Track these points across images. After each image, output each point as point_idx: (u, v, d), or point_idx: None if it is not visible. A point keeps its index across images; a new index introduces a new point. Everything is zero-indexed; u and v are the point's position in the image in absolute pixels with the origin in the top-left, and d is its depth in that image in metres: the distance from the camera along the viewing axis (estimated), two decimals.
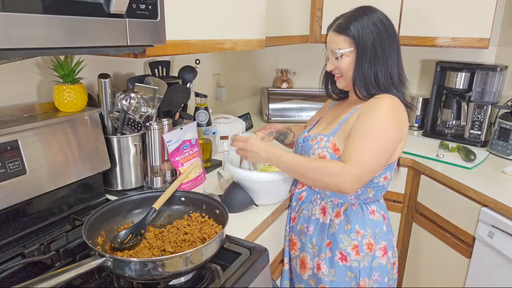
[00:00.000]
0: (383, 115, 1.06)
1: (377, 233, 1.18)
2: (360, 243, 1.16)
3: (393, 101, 1.10)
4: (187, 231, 0.92)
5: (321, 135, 1.18)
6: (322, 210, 1.22)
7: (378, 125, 1.05)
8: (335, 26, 1.14)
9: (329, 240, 1.19)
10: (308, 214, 1.24)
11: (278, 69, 2.65)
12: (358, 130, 1.07)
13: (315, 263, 1.22)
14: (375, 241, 1.17)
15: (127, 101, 1.17)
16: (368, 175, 1.05)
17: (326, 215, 1.21)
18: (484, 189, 1.39)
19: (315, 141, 1.18)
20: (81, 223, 1.00)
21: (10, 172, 0.92)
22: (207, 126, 1.52)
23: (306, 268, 1.25)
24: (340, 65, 1.14)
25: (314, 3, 2.02)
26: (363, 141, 1.04)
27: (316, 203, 1.23)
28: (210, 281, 0.82)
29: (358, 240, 1.16)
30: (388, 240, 1.21)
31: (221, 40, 1.23)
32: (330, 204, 1.21)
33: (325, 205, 1.21)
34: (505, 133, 1.75)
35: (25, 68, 1.10)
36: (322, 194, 1.23)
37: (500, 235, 1.32)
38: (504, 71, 1.88)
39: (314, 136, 1.20)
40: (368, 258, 1.17)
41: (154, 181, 1.25)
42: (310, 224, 1.23)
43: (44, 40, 0.67)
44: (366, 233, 1.17)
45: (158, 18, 0.86)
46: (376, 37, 1.09)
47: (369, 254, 1.17)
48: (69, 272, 0.70)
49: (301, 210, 1.27)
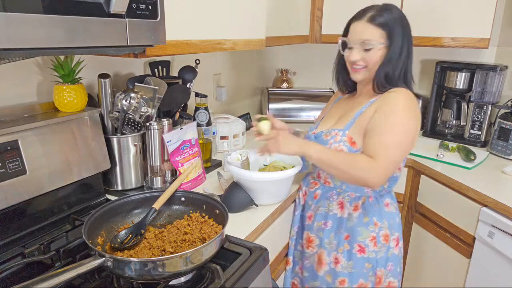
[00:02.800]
0: (403, 108, 1.10)
1: (392, 224, 1.23)
2: (377, 234, 1.20)
3: (409, 94, 1.14)
4: (187, 231, 0.92)
5: (335, 129, 1.20)
6: (340, 205, 1.24)
7: (399, 118, 1.09)
8: (369, 17, 1.12)
9: (347, 233, 1.22)
10: (325, 211, 1.26)
11: (278, 69, 2.65)
12: (380, 125, 1.10)
13: (333, 258, 1.24)
14: (390, 232, 1.22)
15: (127, 101, 1.17)
16: (394, 169, 1.10)
17: (344, 209, 1.23)
18: (484, 189, 1.39)
19: (329, 136, 1.20)
20: (81, 223, 1.00)
21: (10, 172, 0.92)
22: (207, 126, 1.52)
23: (323, 264, 1.26)
24: (368, 57, 1.13)
25: (314, 3, 2.01)
26: (387, 135, 1.08)
27: (333, 199, 1.25)
28: (210, 281, 0.82)
29: (375, 232, 1.20)
30: (400, 231, 1.26)
31: (221, 40, 1.23)
32: (348, 199, 1.23)
33: (343, 200, 1.24)
34: (505, 133, 1.75)
35: (25, 68, 1.10)
36: (338, 189, 1.25)
37: (500, 235, 1.32)
38: (504, 71, 1.88)
39: (328, 131, 1.22)
40: (384, 249, 1.21)
41: (154, 181, 1.25)
42: (328, 219, 1.25)
43: (44, 40, 0.67)
44: (383, 225, 1.21)
45: (158, 18, 0.86)
46: (404, 34, 1.13)
47: (385, 245, 1.21)
48: (69, 272, 0.70)
49: (318, 207, 1.28)
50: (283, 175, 1.20)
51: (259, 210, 1.19)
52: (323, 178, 1.28)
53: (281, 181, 1.22)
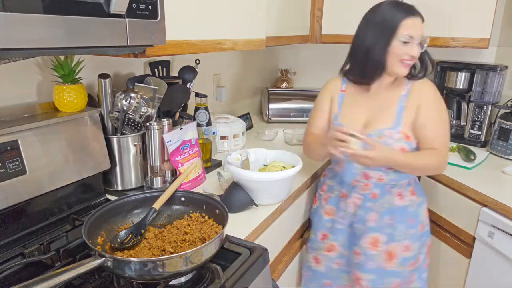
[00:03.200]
0: (440, 100, 1.27)
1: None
2: (425, 209, 1.38)
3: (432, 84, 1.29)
4: (187, 231, 0.92)
5: (386, 129, 1.24)
6: (399, 195, 1.30)
7: (443, 111, 1.27)
8: (420, 15, 1.21)
9: (412, 218, 1.31)
10: (388, 206, 1.30)
11: (278, 69, 2.65)
12: (433, 119, 1.24)
13: (403, 247, 1.30)
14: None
15: (127, 101, 1.17)
16: None
17: (404, 198, 1.31)
18: (484, 189, 1.39)
19: (384, 137, 1.23)
20: (81, 223, 1.00)
21: (10, 172, 0.92)
22: (207, 126, 1.52)
23: (394, 257, 1.31)
24: (419, 52, 1.22)
25: (314, 3, 2.01)
26: (443, 126, 1.25)
27: (392, 192, 1.31)
28: (210, 281, 0.82)
29: (425, 208, 1.37)
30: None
31: (221, 40, 1.23)
32: (403, 187, 1.31)
33: (400, 190, 1.31)
34: (505, 133, 1.75)
35: (25, 68, 1.10)
36: (393, 182, 1.30)
37: (500, 235, 1.32)
38: (504, 71, 1.88)
39: (379, 132, 1.24)
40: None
41: (154, 181, 1.25)
42: (394, 214, 1.29)
43: (44, 40, 0.67)
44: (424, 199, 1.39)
45: (158, 18, 0.86)
46: None
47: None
48: (69, 272, 0.70)
49: (381, 205, 1.30)
50: (283, 175, 1.20)
51: (259, 210, 1.19)
52: (375, 177, 1.29)
53: (281, 181, 1.22)
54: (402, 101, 1.26)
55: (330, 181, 1.43)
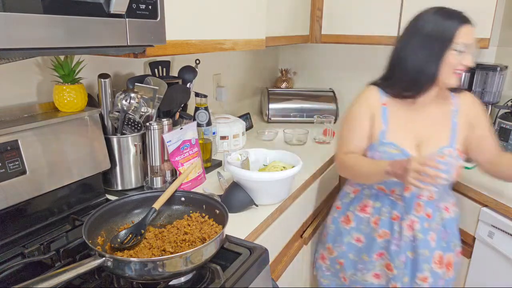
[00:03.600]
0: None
1: None
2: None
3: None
4: (187, 231, 0.92)
5: (445, 147, 1.23)
6: (446, 209, 1.31)
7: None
8: (472, 21, 1.17)
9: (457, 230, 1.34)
10: (441, 221, 1.30)
11: (278, 69, 2.65)
12: (490, 127, 1.29)
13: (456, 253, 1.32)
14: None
15: (127, 101, 1.17)
16: None
17: (450, 211, 1.31)
18: (484, 189, 1.39)
19: (445, 156, 1.21)
20: (81, 223, 1.00)
21: (10, 172, 0.92)
22: (207, 126, 1.52)
23: (452, 265, 1.31)
24: (473, 61, 1.19)
25: (314, 3, 2.02)
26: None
27: (440, 208, 1.30)
28: (210, 281, 0.82)
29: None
30: None
31: (221, 40, 1.23)
32: (445, 202, 1.32)
33: (446, 203, 1.32)
34: (505, 133, 1.74)
35: (25, 68, 1.10)
36: (437, 198, 1.28)
37: (500, 235, 1.32)
38: (504, 71, 1.87)
39: (440, 151, 1.22)
40: None
41: (154, 181, 1.25)
42: (446, 228, 1.29)
43: (44, 40, 0.67)
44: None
45: (158, 18, 0.86)
46: None
47: None
48: (69, 272, 0.70)
49: (433, 223, 1.28)
50: (283, 175, 1.20)
51: (259, 210, 1.19)
52: (426, 195, 1.25)
53: (281, 181, 1.22)
54: (454, 117, 1.25)
55: (375, 202, 1.33)
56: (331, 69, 2.54)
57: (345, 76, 2.50)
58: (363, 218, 1.35)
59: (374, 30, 1.95)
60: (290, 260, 1.45)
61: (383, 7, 1.91)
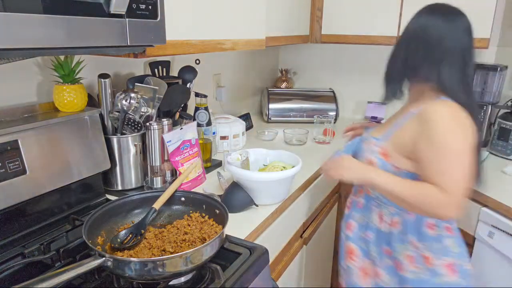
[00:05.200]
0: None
1: (438, 248, 1.09)
2: (416, 254, 1.10)
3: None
4: (187, 231, 0.92)
5: (373, 138, 1.15)
6: (380, 217, 1.17)
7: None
8: None
9: (387, 247, 1.15)
10: (366, 221, 1.21)
11: (278, 69, 2.65)
12: (426, 156, 1.02)
13: (374, 272, 1.20)
14: (434, 256, 1.09)
15: (127, 101, 1.17)
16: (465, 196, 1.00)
17: (383, 223, 1.16)
18: (484, 189, 1.39)
19: (367, 144, 1.15)
20: (81, 223, 1.00)
21: (10, 172, 0.92)
22: (207, 126, 1.52)
23: (367, 275, 1.22)
24: None
25: (314, 3, 2.02)
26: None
27: (373, 210, 1.18)
28: (210, 281, 0.82)
29: (413, 251, 1.10)
30: (456, 257, 1.10)
31: (221, 40, 1.23)
32: (387, 212, 1.14)
33: (381, 213, 1.16)
34: (505, 133, 1.75)
35: (25, 68, 1.10)
36: (378, 201, 1.17)
37: (500, 235, 1.32)
38: (504, 71, 1.88)
39: (367, 138, 1.17)
40: (428, 272, 1.09)
41: (154, 181, 1.25)
42: (367, 230, 1.20)
43: (44, 40, 0.67)
44: (423, 246, 1.09)
45: (158, 18, 0.86)
46: None
47: (429, 268, 1.09)
48: (69, 272, 0.70)
49: (361, 217, 1.23)
50: (283, 175, 1.20)
51: (259, 210, 1.19)
52: (365, 187, 1.21)
53: (281, 181, 1.22)
54: (406, 118, 1.10)
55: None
56: (331, 69, 2.54)
57: (345, 76, 2.50)
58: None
59: (373, 30, 1.95)
60: (290, 260, 1.45)
61: (383, 7, 1.91)
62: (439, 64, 1.04)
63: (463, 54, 1.05)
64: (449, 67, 1.03)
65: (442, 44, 1.04)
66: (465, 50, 1.06)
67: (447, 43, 1.03)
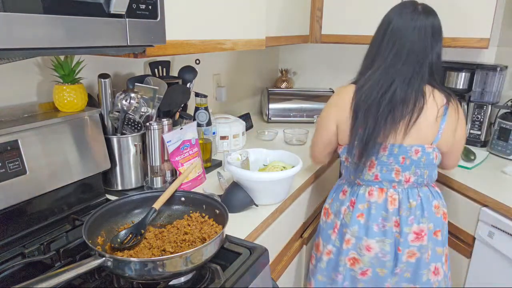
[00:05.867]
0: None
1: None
2: None
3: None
4: (187, 231, 0.92)
5: None
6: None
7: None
8: None
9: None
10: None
11: (278, 69, 2.65)
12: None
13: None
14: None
15: (127, 101, 1.17)
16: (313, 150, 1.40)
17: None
18: (484, 189, 1.39)
19: None
20: (81, 223, 1.00)
21: (10, 172, 0.92)
22: (207, 126, 1.52)
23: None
24: None
25: (314, 3, 2.02)
26: None
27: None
28: (210, 281, 0.82)
29: None
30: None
31: (221, 40, 1.23)
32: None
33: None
34: (505, 133, 1.75)
35: (25, 68, 1.10)
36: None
37: (500, 235, 1.32)
38: (504, 71, 1.88)
39: None
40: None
41: (154, 181, 1.25)
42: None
43: (44, 40, 0.67)
44: None
45: (158, 18, 0.86)
46: None
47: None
48: (69, 272, 0.70)
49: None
50: (283, 175, 1.20)
51: (259, 210, 1.19)
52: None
53: (281, 181, 1.22)
54: None
55: None
56: (331, 69, 2.54)
57: (345, 76, 2.49)
58: None
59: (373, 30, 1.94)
60: (290, 260, 1.45)
61: (383, 7, 1.91)
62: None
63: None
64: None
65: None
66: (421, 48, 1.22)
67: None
